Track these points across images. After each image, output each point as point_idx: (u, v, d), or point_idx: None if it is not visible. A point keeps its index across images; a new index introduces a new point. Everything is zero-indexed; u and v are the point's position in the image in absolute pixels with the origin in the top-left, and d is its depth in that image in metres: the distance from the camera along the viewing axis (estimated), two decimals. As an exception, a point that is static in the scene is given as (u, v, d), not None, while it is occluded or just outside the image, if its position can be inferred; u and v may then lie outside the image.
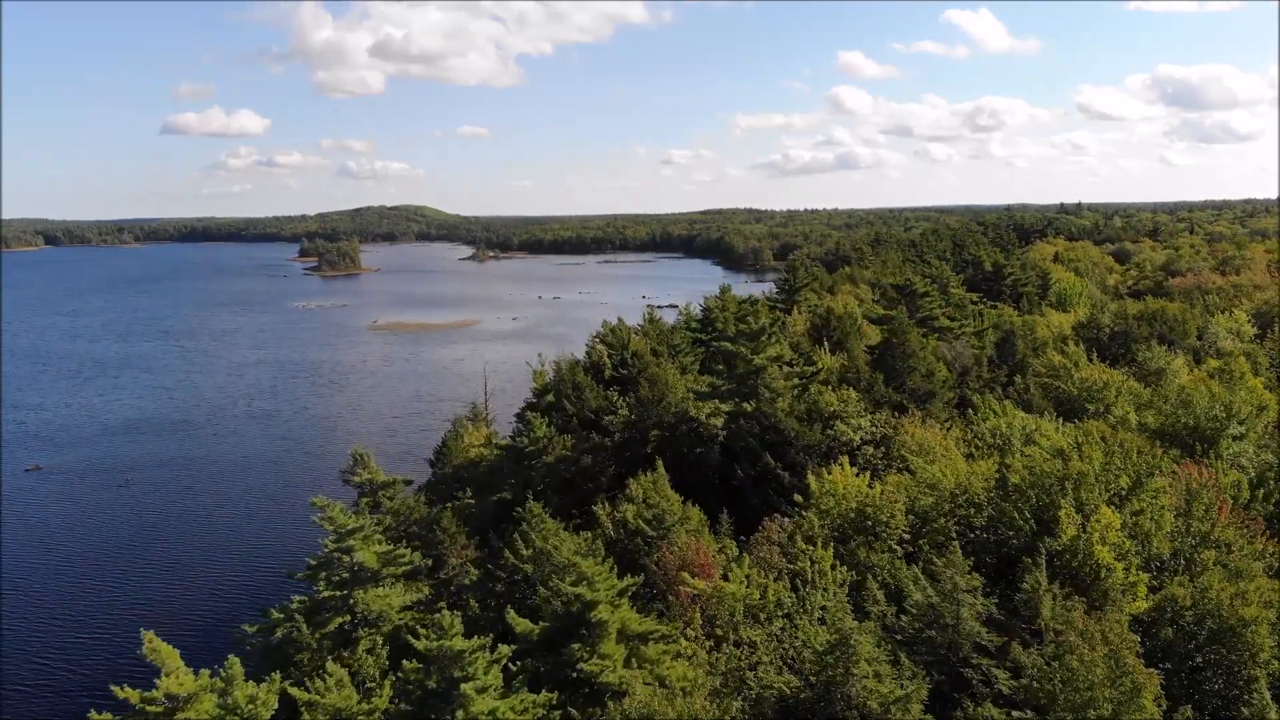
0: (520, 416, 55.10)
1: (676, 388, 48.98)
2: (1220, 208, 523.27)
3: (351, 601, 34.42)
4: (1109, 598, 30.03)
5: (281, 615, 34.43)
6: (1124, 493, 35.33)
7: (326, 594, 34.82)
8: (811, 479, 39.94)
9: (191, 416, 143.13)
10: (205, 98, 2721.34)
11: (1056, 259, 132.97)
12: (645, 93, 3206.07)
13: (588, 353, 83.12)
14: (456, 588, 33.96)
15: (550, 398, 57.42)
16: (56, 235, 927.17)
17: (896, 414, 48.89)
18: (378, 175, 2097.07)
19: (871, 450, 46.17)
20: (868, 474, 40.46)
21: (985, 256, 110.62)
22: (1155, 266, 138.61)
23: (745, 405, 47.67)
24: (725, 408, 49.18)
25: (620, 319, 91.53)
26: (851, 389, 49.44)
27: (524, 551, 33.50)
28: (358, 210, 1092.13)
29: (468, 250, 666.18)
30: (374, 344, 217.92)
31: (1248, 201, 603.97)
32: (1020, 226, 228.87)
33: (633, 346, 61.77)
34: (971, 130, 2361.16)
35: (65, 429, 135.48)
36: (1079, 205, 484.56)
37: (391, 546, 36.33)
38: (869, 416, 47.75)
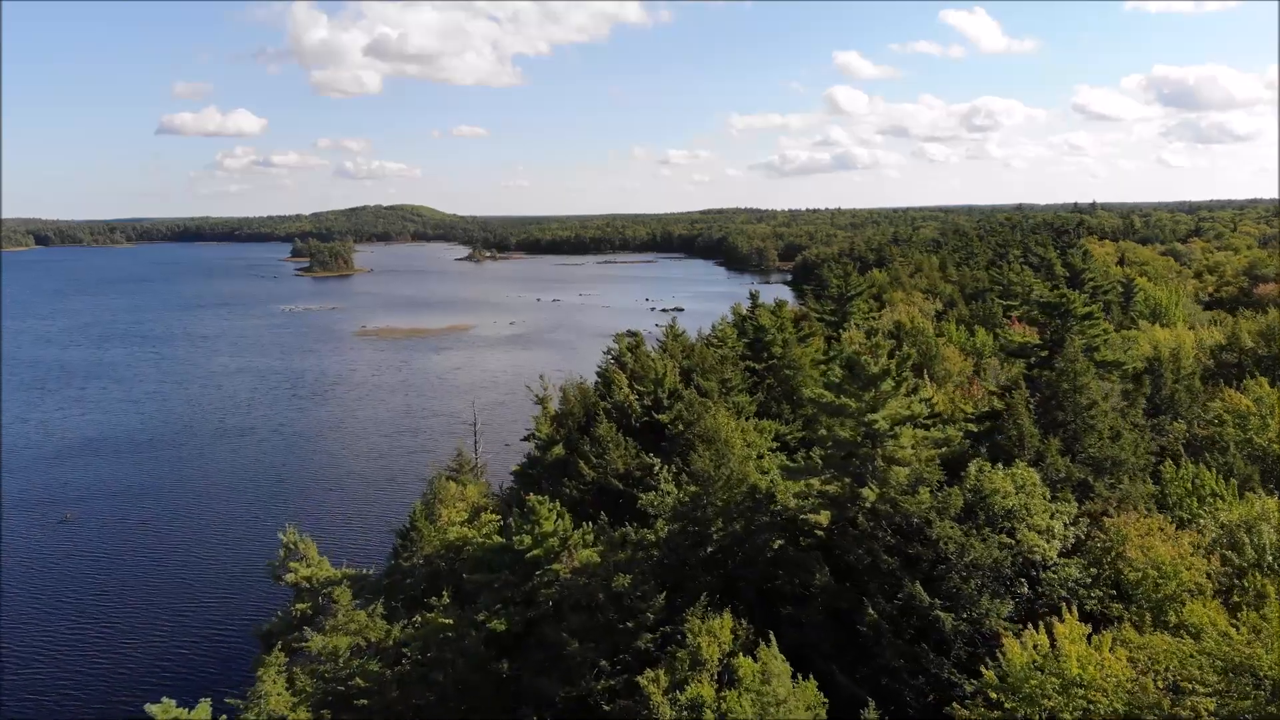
0: (519, 483, 40.55)
1: (734, 444, 34.25)
2: (1229, 208, 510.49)
3: None
4: None
5: None
6: None
7: None
8: (1012, 647, 24.11)
9: (157, 435, 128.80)
10: (201, 97, 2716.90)
11: (1122, 262, 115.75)
12: (643, 93, 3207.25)
13: (600, 376, 68.71)
14: None
15: (558, 450, 42.82)
16: (47, 235, 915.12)
17: (1081, 500, 34.11)
18: (375, 175, 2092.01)
19: (1075, 573, 30.02)
20: (1106, 635, 24.67)
21: (1055, 258, 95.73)
22: (1237, 271, 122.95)
23: (864, 492, 32.11)
24: (827, 487, 33.92)
25: (637, 334, 77.28)
26: (1021, 463, 33.48)
27: None
28: (353, 210, 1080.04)
29: (464, 250, 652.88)
30: (362, 351, 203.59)
31: (1254, 202, 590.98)
32: (1051, 226, 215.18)
33: (668, 382, 46.68)
34: (968, 130, 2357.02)
35: (13, 451, 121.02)
36: (1093, 204, 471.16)
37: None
38: (1051, 507, 31.75)
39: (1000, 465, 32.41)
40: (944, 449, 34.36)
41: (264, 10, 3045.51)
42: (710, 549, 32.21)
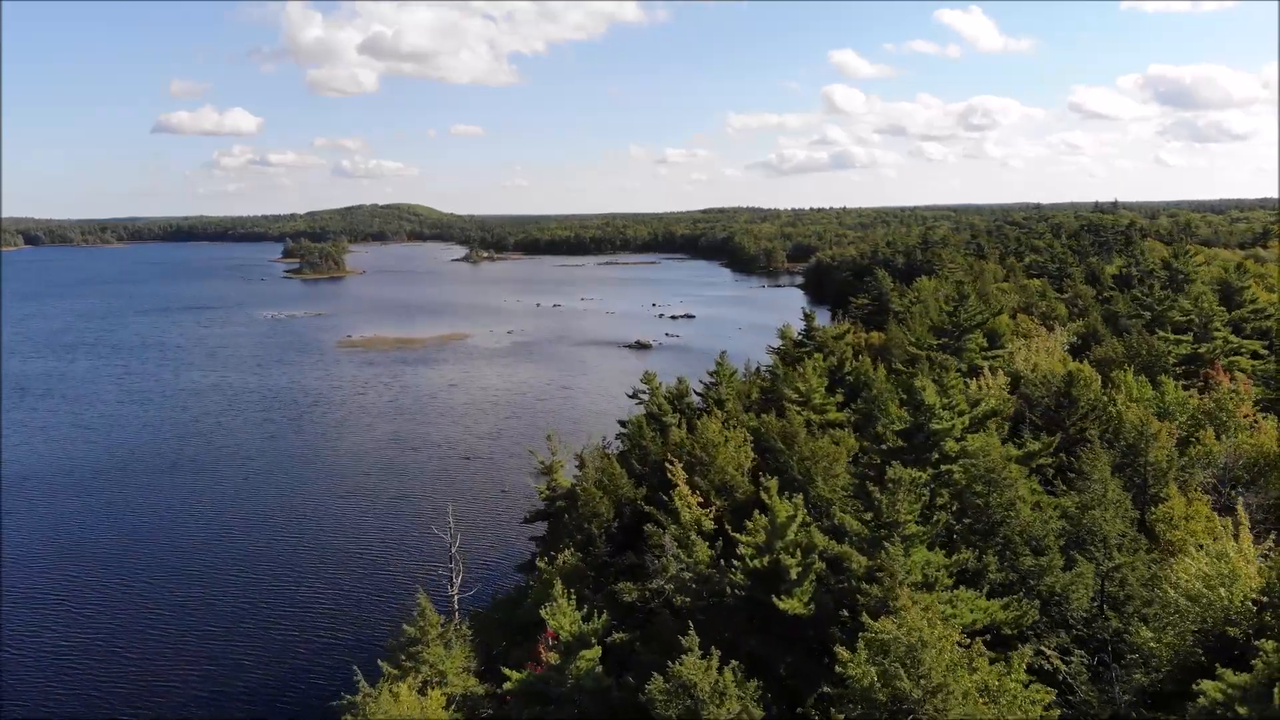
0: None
1: (970, 691, 16.06)
2: (1239, 206, 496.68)
3: None
4: None
5: None
6: None
7: None
8: None
9: (101, 469, 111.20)
10: (197, 96, 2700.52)
11: (1240, 269, 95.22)
12: (640, 92, 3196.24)
13: (631, 442, 50.82)
14: None
15: (593, 654, 22.86)
16: (37, 235, 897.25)
17: None
18: (372, 174, 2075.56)
19: None
20: None
21: (1193, 270, 77.16)
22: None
23: None
24: None
25: (683, 380, 59.45)
26: None
27: None
28: (349, 209, 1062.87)
29: (461, 250, 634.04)
30: (346, 365, 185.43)
31: (1264, 201, 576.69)
32: (1095, 227, 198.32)
33: (793, 533, 25.36)
34: (966, 130, 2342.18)
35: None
36: (1115, 203, 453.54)
37: None
38: None
39: None
40: None
41: (259, 9, 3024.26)
42: None
